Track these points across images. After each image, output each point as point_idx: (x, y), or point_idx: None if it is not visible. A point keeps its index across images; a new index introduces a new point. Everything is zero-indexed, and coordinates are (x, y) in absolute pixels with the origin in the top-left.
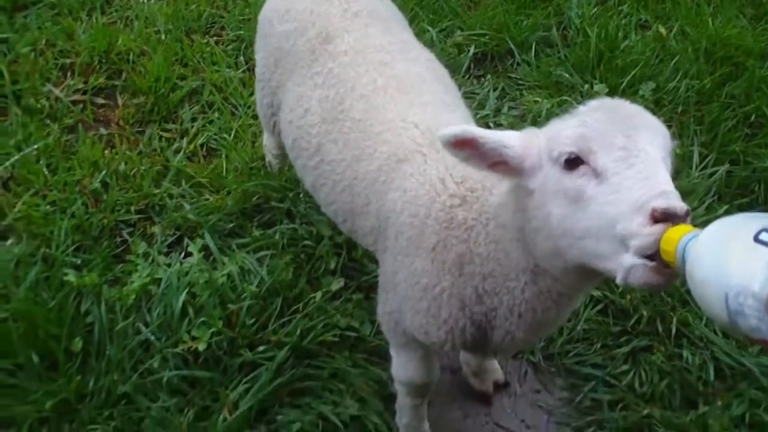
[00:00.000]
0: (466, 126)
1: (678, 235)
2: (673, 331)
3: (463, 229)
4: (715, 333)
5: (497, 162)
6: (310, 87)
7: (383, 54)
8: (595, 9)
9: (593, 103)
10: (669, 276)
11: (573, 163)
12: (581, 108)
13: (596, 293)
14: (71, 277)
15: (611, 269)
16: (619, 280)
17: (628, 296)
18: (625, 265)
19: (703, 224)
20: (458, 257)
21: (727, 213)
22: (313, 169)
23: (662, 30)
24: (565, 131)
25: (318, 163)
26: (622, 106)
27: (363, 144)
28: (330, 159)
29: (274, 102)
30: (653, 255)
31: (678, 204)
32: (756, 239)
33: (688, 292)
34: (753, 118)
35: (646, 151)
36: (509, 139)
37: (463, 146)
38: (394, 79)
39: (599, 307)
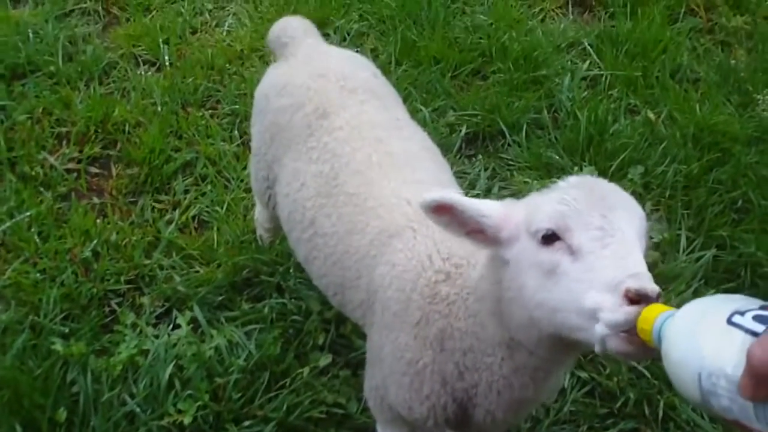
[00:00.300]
0: (447, 192)
1: (654, 314)
2: (660, 414)
3: (445, 305)
4: (702, 417)
5: (475, 230)
6: (305, 161)
7: (379, 130)
8: (586, 93)
9: (573, 180)
10: (642, 346)
11: (550, 238)
12: (561, 183)
13: (583, 375)
14: (58, 346)
15: (586, 339)
16: (597, 350)
17: (615, 378)
18: (599, 334)
19: None
20: (439, 332)
21: None
22: (306, 241)
23: (651, 115)
24: (544, 207)
25: (311, 236)
26: (600, 184)
27: (356, 218)
28: (323, 232)
29: (269, 175)
30: (628, 332)
31: (650, 286)
32: (729, 322)
33: None
34: (740, 203)
35: (622, 231)
36: (488, 209)
37: (442, 212)
38: (389, 155)
39: (586, 388)
